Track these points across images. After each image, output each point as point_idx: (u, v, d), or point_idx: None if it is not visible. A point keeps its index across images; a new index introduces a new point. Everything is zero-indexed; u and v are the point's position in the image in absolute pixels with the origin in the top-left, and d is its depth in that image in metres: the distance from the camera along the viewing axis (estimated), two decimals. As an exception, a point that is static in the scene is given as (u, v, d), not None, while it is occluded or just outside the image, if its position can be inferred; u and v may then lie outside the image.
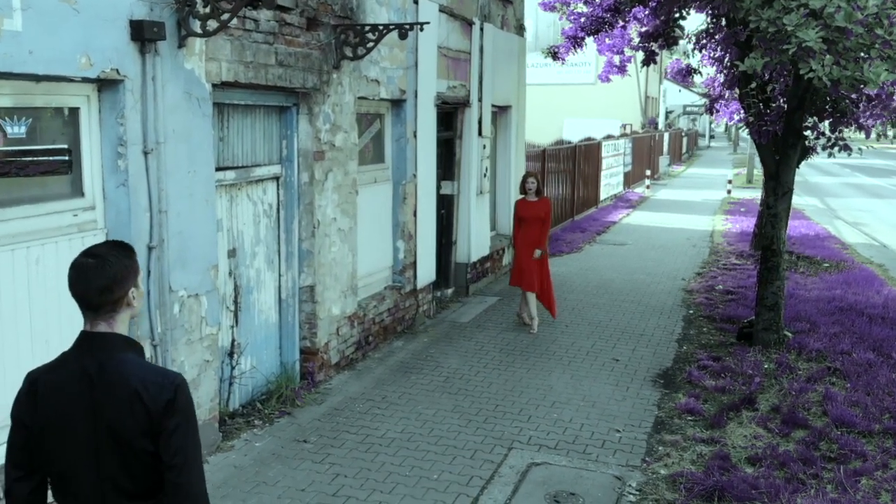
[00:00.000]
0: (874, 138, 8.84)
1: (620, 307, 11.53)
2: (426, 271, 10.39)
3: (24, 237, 4.92)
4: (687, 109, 59.43)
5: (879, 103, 8.27)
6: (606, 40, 12.72)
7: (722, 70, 10.74)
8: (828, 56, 6.08)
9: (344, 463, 6.27)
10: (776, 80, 9.03)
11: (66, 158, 5.09)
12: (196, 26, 5.73)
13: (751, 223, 18.00)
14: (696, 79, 13.81)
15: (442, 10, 10.38)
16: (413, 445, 6.64)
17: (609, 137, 27.00)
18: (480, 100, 11.90)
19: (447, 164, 11.51)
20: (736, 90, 9.94)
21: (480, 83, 11.85)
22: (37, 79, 4.82)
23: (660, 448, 6.69)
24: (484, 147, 12.28)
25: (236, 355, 7.02)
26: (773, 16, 6.25)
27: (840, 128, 9.05)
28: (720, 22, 9.75)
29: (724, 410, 7.36)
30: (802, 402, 7.52)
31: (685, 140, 53.76)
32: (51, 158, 5.01)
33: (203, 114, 6.07)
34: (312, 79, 7.47)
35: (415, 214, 9.98)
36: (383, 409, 7.41)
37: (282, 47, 6.98)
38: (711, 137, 75.91)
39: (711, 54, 10.90)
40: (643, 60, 11.76)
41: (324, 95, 7.72)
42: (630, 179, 29.65)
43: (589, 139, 23.89)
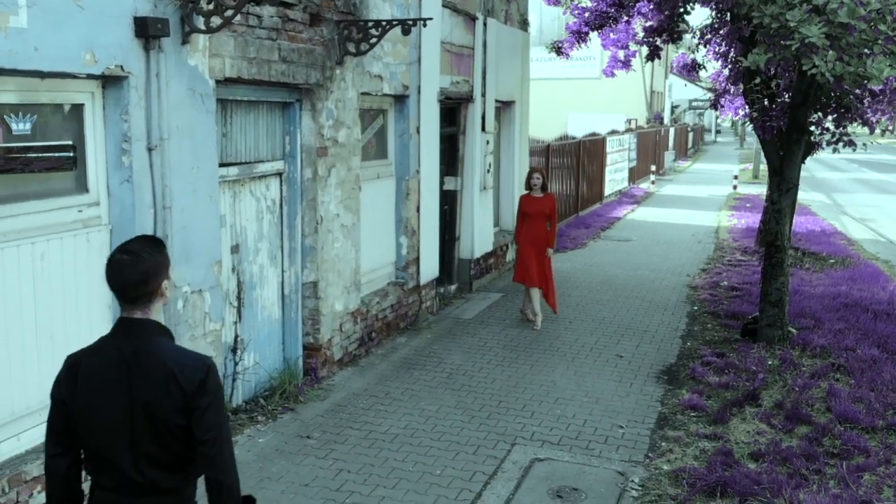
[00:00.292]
0: (879, 133, 8.82)
1: (624, 303, 11.54)
2: (429, 267, 10.40)
3: (30, 233, 4.94)
4: (693, 104, 59.24)
5: (884, 98, 8.25)
6: (611, 35, 12.66)
7: (727, 65, 10.72)
8: (831, 52, 6.08)
9: (347, 458, 6.29)
10: (780, 76, 9.01)
11: (71, 155, 5.10)
12: (200, 23, 5.74)
13: (756, 219, 17.96)
14: (702, 73, 13.77)
15: (445, 6, 10.37)
16: (416, 441, 6.66)
17: (614, 133, 26.96)
18: (484, 95, 11.89)
19: (450, 160, 11.51)
20: (740, 85, 9.92)
21: (484, 78, 11.85)
22: (42, 75, 4.83)
23: (663, 444, 6.70)
24: (487, 143, 12.28)
25: (239, 351, 7.04)
26: (777, 11, 6.25)
27: (844, 123, 9.03)
28: (724, 17, 9.73)
29: (728, 406, 7.36)
30: (806, 399, 7.52)
31: (691, 135, 53.64)
32: (55, 155, 5.01)
33: (207, 110, 6.09)
34: (315, 75, 7.47)
35: (418, 210, 9.99)
36: (386, 405, 7.43)
37: (285, 43, 6.99)
38: (718, 132, 75.70)
39: (716, 49, 10.87)
40: (647, 55, 11.73)
41: (327, 91, 7.73)
42: (635, 175, 29.60)
43: (593, 135, 23.87)
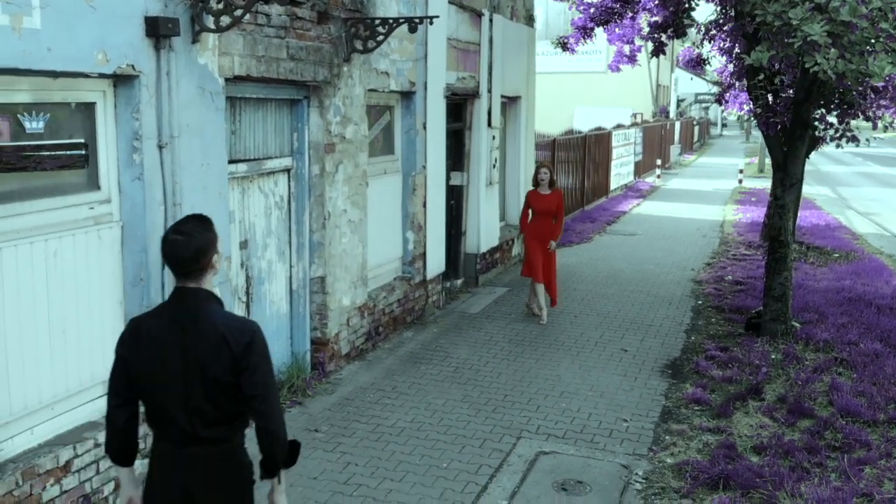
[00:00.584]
0: (882, 129, 8.85)
1: (629, 297, 11.60)
2: (436, 262, 10.48)
3: (43, 230, 5.02)
4: (699, 97, 59.14)
5: (886, 95, 8.29)
6: (616, 30, 12.70)
7: (731, 60, 10.75)
8: (833, 50, 6.13)
9: (355, 452, 6.38)
10: (784, 72, 9.05)
11: (83, 153, 5.18)
12: (209, 22, 5.81)
13: (761, 213, 17.99)
14: (708, 67, 13.79)
15: (451, 2, 10.42)
16: (423, 435, 6.75)
17: (619, 127, 26.97)
18: (490, 91, 11.95)
19: (457, 155, 11.58)
20: (744, 81, 9.96)
21: (490, 74, 11.90)
22: (55, 75, 4.91)
23: (666, 437, 6.78)
24: (493, 138, 12.33)
25: (249, 345, 7.11)
26: (779, 9, 6.30)
27: (847, 119, 9.08)
28: (729, 12, 9.77)
29: (731, 400, 7.43)
30: (808, 392, 7.58)
31: (697, 128, 53.55)
32: (68, 153, 5.09)
33: (216, 108, 6.16)
34: (323, 72, 7.55)
35: (424, 205, 10.06)
36: (393, 399, 7.52)
37: (293, 41, 7.06)
38: (724, 126, 75.51)
39: (720, 45, 10.91)
40: (652, 51, 11.77)
41: (334, 88, 7.80)
42: (640, 169, 29.60)
43: (599, 129, 23.89)
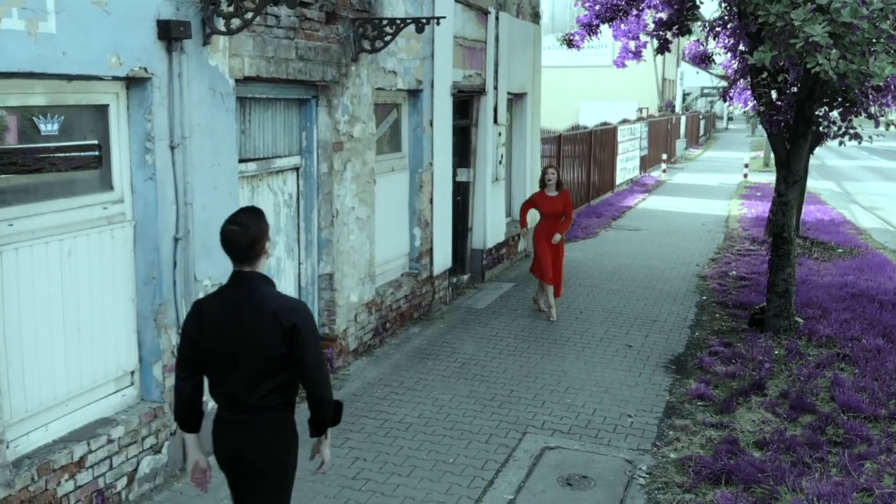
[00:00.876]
0: (883, 128, 8.90)
1: (634, 293, 11.68)
2: (442, 258, 10.57)
3: (58, 230, 5.12)
4: (704, 91, 58.97)
5: (888, 93, 8.35)
6: (622, 26, 12.73)
7: (736, 58, 10.79)
8: (834, 50, 6.20)
9: (363, 447, 6.48)
10: (788, 70, 9.10)
11: (97, 154, 5.30)
12: (220, 24, 5.91)
13: (766, 208, 18.02)
14: (713, 63, 13.82)
15: (458, 1, 10.50)
16: (430, 430, 6.85)
17: (625, 122, 27.00)
18: (496, 88, 12.02)
19: (463, 152, 11.66)
20: (748, 78, 10.01)
21: (496, 71, 11.98)
22: (69, 78, 5.00)
23: (670, 433, 6.86)
24: (499, 134, 12.41)
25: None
26: (781, 10, 6.37)
27: (850, 117, 9.13)
28: (733, 10, 9.81)
29: (734, 396, 7.51)
30: (811, 388, 7.66)
31: (702, 122, 53.46)
32: (82, 154, 5.21)
33: (227, 108, 6.26)
34: (331, 72, 7.64)
35: (431, 202, 10.15)
36: (401, 395, 7.62)
37: (302, 42, 7.15)
38: (730, 119, 75.25)
39: (725, 42, 10.94)
40: (657, 49, 11.82)
41: (342, 88, 7.89)
42: (646, 163, 29.63)
43: (605, 124, 23.94)
